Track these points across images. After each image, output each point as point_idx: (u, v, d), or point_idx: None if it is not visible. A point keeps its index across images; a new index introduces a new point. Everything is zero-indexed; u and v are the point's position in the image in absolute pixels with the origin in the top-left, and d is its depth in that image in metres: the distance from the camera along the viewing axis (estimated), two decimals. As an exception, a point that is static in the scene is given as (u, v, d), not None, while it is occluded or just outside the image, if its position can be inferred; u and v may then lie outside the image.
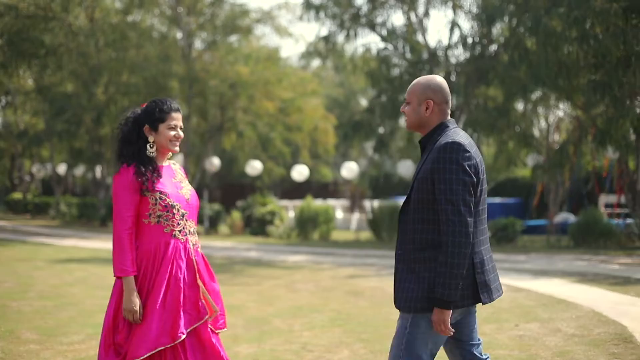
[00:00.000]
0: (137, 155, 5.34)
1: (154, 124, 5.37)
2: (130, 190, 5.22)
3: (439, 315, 4.69)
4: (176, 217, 5.30)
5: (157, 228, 5.27)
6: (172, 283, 5.21)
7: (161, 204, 5.25)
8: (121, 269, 5.15)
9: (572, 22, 22.62)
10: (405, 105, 5.04)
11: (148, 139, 5.38)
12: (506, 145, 28.71)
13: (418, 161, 5.06)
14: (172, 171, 5.53)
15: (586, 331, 9.76)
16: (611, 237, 24.43)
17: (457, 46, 28.06)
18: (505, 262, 19.69)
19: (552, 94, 26.49)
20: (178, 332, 5.13)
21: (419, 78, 5.04)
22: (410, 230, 4.81)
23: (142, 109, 5.47)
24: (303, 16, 29.89)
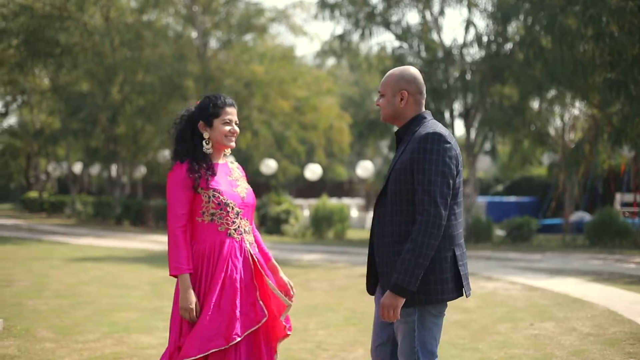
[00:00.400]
0: (192, 153, 5.22)
1: (209, 120, 5.27)
2: (183, 188, 5.12)
3: (391, 300, 4.63)
4: (231, 216, 5.19)
5: (211, 226, 5.15)
6: (228, 284, 5.07)
7: (214, 202, 5.13)
8: (175, 266, 5.05)
9: (588, 20, 22.55)
10: (379, 98, 5.01)
11: (203, 136, 5.28)
12: (521, 144, 28.64)
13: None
14: (229, 169, 5.41)
15: (602, 330, 9.74)
16: (627, 236, 24.36)
17: (472, 45, 28.00)
18: (521, 261, 19.66)
19: (568, 92, 26.41)
20: (233, 333, 4.98)
21: (393, 69, 5.02)
22: (389, 222, 4.77)
23: (196, 105, 5.37)
24: (318, 15, 29.87)
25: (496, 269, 17.51)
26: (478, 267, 17.98)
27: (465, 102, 28.30)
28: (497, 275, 16.20)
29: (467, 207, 27.80)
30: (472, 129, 28.30)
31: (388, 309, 4.64)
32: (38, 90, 41.67)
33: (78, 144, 41.75)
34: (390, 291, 4.62)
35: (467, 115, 28.26)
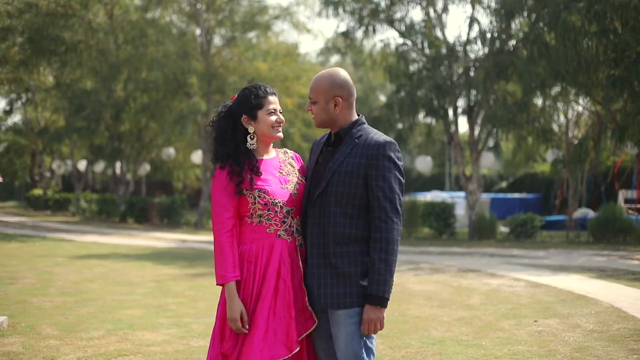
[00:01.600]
0: (233, 153, 4.93)
1: (252, 112, 4.96)
2: (226, 192, 4.86)
3: (377, 314, 4.66)
4: (279, 215, 4.87)
5: (260, 228, 4.86)
6: (282, 288, 4.80)
7: (260, 202, 4.84)
8: (221, 275, 4.79)
9: (592, 16, 22.53)
10: (311, 104, 4.94)
11: (248, 130, 4.99)
12: (525, 141, 28.62)
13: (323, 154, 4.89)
14: (278, 163, 5.09)
15: (605, 327, 9.75)
16: (631, 233, 24.34)
17: (475, 41, 27.97)
18: (525, 257, 19.66)
19: (572, 89, 26.37)
20: (293, 341, 4.73)
21: (321, 74, 4.93)
22: (330, 223, 4.74)
23: (235, 100, 5.06)
24: (322, 12, 29.88)
25: (500, 266, 17.51)
26: (482, 264, 18.00)
27: (469, 99, 28.28)
28: (501, 272, 16.21)
29: (471, 204, 27.80)
30: (476, 125, 28.30)
31: (375, 322, 4.66)
32: (42, 88, 41.68)
33: (82, 141, 41.81)
34: (372, 305, 4.63)
35: (470, 112, 28.24)
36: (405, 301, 12.10)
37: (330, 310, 4.76)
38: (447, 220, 27.35)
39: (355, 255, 4.71)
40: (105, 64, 34.53)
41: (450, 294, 13.04)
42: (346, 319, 4.70)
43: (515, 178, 45.17)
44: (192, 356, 8.42)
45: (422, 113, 29.13)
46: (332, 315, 4.76)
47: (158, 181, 52.09)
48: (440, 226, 27.08)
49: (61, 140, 41.37)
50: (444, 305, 11.87)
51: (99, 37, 34.42)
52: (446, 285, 14.33)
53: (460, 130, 30.50)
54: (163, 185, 51.41)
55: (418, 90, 27.80)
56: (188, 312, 11.25)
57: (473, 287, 13.93)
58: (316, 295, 4.76)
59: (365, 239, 4.73)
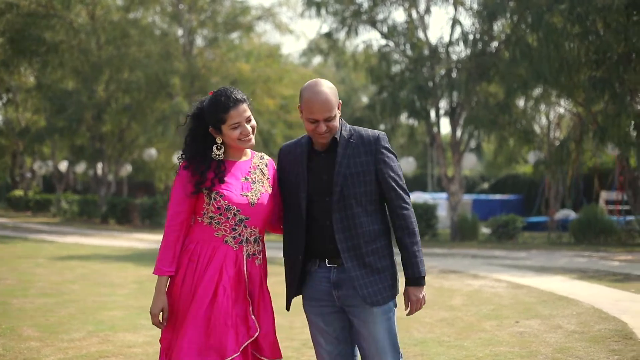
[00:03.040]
0: (201, 154, 4.85)
1: (217, 126, 4.83)
2: (184, 189, 4.78)
3: (420, 292, 4.86)
4: (231, 222, 4.77)
5: (208, 230, 4.79)
6: (220, 294, 4.69)
7: (214, 205, 4.75)
8: (159, 267, 4.83)
9: (574, 18, 22.62)
10: (325, 123, 4.77)
11: (216, 140, 4.88)
12: (507, 142, 28.70)
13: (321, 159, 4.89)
14: (248, 168, 4.95)
15: (587, 328, 9.78)
16: (612, 234, 24.45)
17: (458, 43, 28.02)
18: (506, 258, 19.71)
19: (553, 90, 26.46)
20: (227, 349, 4.61)
21: (320, 89, 4.77)
22: (357, 225, 4.77)
23: (205, 104, 4.92)
24: (304, 13, 29.89)
25: (482, 267, 17.55)
26: (464, 265, 18.03)
27: (451, 100, 28.33)
28: (483, 273, 16.24)
29: (453, 206, 27.86)
30: (458, 127, 28.35)
31: (420, 301, 4.87)
32: (23, 89, 41.53)
33: (63, 142, 41.61)
34: (415, 286, 4.82)
35: (452, 114, 28.30)
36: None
37: (364, 308, 4.81)
38: (429, 222, 27.39)
39: (383, 250, 4.82)
40: (86, 65, 34.42)
41: (432, 295, 13.05)
42: (384, 315, 4.82)
43: (497, 179, 45.32)
44: (173, 357, 8.38)
45: (405, 114, 29.19)
46: (367, 313, 4.81)
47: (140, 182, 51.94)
48: (422, 227, 27.11)
49: (42, 140, 41.22)
50: (425, 306, 11.86)
51: (80, 37, 34.31)
52: (428, 286, 14.33)
53: (442, 132, 30.51)
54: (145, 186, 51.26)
55: (400, 91, 27.82)
56: (170, 313, 11.20)
57: (455, 288, 13.95)
58: (361, 296, 4.76)
59: (385, 232, 4.87)
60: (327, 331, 4.92)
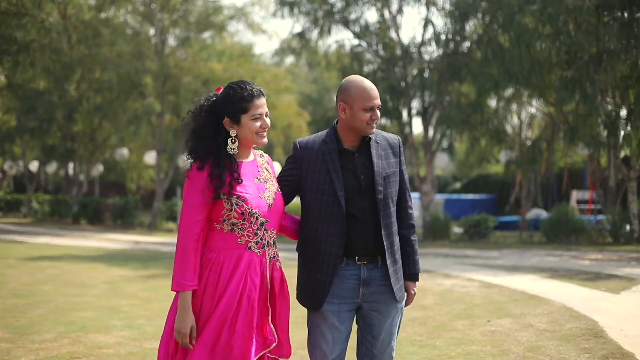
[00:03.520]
0: (215, 153, 4.53)
1: (235, 116, 4.55)
2: (202, 195, 4.45)
3: (416, 286, 5.14)
4: (253, 227, 4.54)
5: (231, 237, 4.51)
6: (245, 303, 4.46)
7: (237, 211, 4.48)
8: (179, 282, 4.41)
9: (545, 19, 22.76)
10: (378, 111, 4.92)
11: (230, 133, 4.59)
12: (479, 142, 28.82)
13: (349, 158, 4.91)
14: (257, 168, 4.73)
15: (558, 326, 9.83)
16: (582, 233, 24.59)
17: (430, 43, 28.10)
18: (478, 258, 19.78)
19: (525, 90, 26.60)
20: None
21: (364, 79, 4.93)
22: (392, 224, 4.93)
23: (219, 96, 4.63)
24: (277, 13, 29.83)
25: (454, 266, 17.60)
26: (436, 265, 18.07)
27: (423, 100, 28.40)
28: (455, 273, 16.29)
29: (425, 205, 27.93)
30: (430, 126, 28.43)
31: (415, 295, 5.14)
32: (-6, 88, 41.22)
33: (34, 142, 41.34)
34: (416, 280, 5.08)
35: (425, 113, 28.37)
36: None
37: (389, 304, 4.94)
38: (402, 221, 27.39)
39: (399, 248, 5.00)
40: (58, 64, 34.17)
41: (405, 294, 13.06)
42: (402, 309, 5.04)
43: (469, 179, 45.47)
44: (145, 358, 8.35)
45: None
46: (391, 308, 4.95)
47: (111, 182, 51.70)
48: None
49: (13, 140, 40.96)
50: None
51: (52, 36, 34.04)
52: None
53: (414, 132, 30.60)
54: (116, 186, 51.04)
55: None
56: (141, 313, 11.17)
57: (427, 287, 13.97)
58: (394, 292, 4.90)
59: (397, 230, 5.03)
60: (339, 329, 4.92)
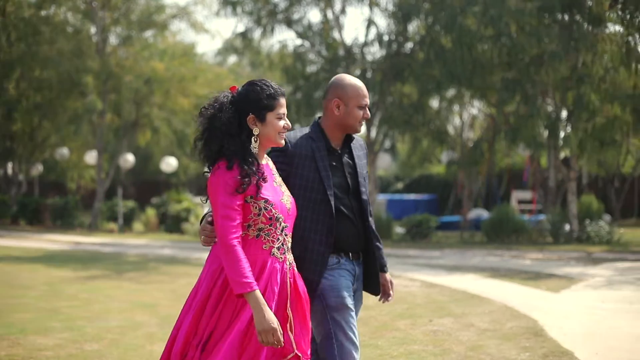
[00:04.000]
0: (241, 152, 4.34)
1: (261, 113, 4.40)
2: (235, 195, 4.24)
3: None
4: (277, 232, 4.39)
5: (256, 243, 4.34)
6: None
7: (265, 215, 4.33)
8: (243, 282, 4.16)
9: (487, 20, 22.96)
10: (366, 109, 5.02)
11: (252, 132, 4.41)
12: (421, 142, 29.00)
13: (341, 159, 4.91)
14: (271, 171, 4.57)
15: (498, 325, 9.90)
16: (523, 233, 24.83)
17: (373, 44, 28.20)
18: (420, 258, 19.87)
19: (467, 91, 26.83)
20: None
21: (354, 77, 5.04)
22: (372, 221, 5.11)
23: (242, 92, 4.48)
24: (220, 12, 29.72)
25: (396, 266, 17.64)
26: (378, 265, 18.08)
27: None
28: (397, 272, 16.32)
29: (368, 205, 27.98)
30: (373, 127, 28.50)
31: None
32: None
33: (-28, 141, 40.74)
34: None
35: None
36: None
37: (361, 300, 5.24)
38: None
39: None
40: (-3, 62, 33.77)
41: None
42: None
43: (411, 179, 45.64)
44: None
45: (319, 114, 29.23)
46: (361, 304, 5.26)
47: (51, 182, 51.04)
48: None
49: (-50, 139, 40.28)
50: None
51: (-10, 34, 33.61)
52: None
53: (357, 132, 30.62)
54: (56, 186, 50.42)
55: (315, 91, 27.87)
56: (81, 315, 11.03)
57: (369, 287, 13.98)
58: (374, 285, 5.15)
59: None
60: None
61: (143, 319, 10.67)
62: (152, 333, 9.64)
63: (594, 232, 23.73)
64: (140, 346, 8.86)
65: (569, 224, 24.50)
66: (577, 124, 23.80)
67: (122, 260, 19.19)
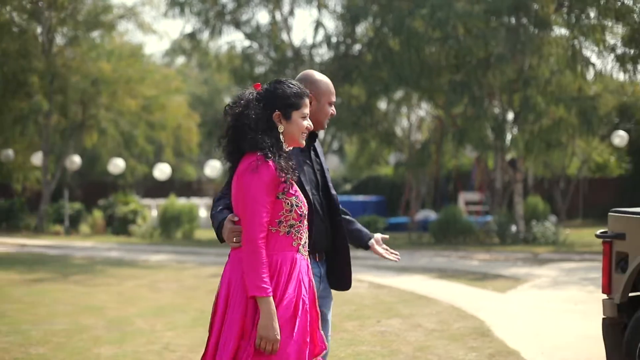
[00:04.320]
0: (276, 148, 4.27)
1: (287, 111, 4.35)
2: (270, 191, 4.18)
3: None
4: (303, 229, 4.35)
5: (286, 240, 4.27)
6: (301, 307, 4.27)
7: (297, 212, 4.28)
8: (260, 286, 4.10)
9: (435, 23, 23.08)
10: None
11: (278, 129, 4.34)
12: (369, 144, 29.06)
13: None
14: None
15: (446, 326, 9.96)
16: (470, 234, 24.99)
17: (321, 45, 28.23)
18: (368, 259, 19.90)
19: (415, 93, 26.95)
20: None
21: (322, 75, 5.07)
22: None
23: (270, 89, 4.41)
24: (167, 13, 29.56)
25: (344, 268, 17.66)
26: (327, 266, 18.11)
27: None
28: (345, 274, 16.34)
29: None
30: (321, 128, 28.51)
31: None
32: None
33: None
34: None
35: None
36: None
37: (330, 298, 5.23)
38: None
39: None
40: (-61, 62, 33.26)
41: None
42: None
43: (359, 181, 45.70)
44: (30, 363, 8.17)
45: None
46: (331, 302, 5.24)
47: (-4, 183, 50.49)
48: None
49: None
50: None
51: None
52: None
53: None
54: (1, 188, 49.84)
55: (264, 92, 27.82)
56: (27, 318, 10.90)
57: (318, 288, 14.00)
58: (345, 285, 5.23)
59: None
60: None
61: (89, 322, 10.57)
62: (98, 336, 9.56)
63: (540, 233, 23.97)
64: (87, 349, 8.78)
65: (516, 225, 24.72)
66: (523, 126, 24.05)
67: (69, 263, 19.00)
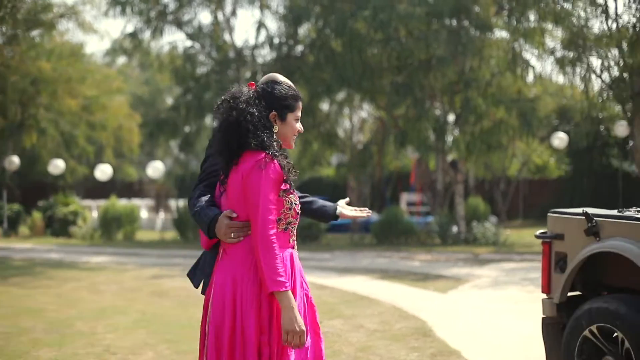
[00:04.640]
0: (279, 145, 4.28)
1: (283, 112, 4.31)
2: (276, 189, 4.16)
3: None
4: (296, 227, 4.36)
5: (285, 236, 4.25)
6: (308, 302, 4.32)
7: (295, 210, 4.26)
8: (278, 281, 4.06)
9: (377, 25, 23.17)
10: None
11: (272, 129, 4.29)
12: (311, 145, 29.07)
13: None
14: None
15: (388, 326, 9.99)
16: (412, 235, 25.12)
17: (263, 46, 28.20)
18: (311, 260, 19.92)
19: (357, 94, 27.02)
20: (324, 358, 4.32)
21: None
22: None
23: (266, 88, 4.34)
24: (108, 12, 29.32)
25: (287, 269, 17.66)
26: (269, 267, 18.08)
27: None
28: (288, 275, 16.34)
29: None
30: (263, 129, 28.47)
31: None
32: None
33: None
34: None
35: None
36: (192, 305, 12.00)
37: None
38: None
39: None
40: None
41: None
42: None
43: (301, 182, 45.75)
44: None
45: (209, 117, 29.08)
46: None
47: None
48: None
49: None
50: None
51: None
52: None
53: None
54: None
55: (205, 93, 27.72)
56: (-36, 320, 10.75)
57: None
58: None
59: None
60: None
61: (28, 324, 10.43)
62: (37, 339, 9.43)
63: (480, 234, 24.19)
64: (25, 352, 8.66)
65: (457, 225, 24.91)
66: (464, 127, 24.24)
67: (7, 265, 18.74)
